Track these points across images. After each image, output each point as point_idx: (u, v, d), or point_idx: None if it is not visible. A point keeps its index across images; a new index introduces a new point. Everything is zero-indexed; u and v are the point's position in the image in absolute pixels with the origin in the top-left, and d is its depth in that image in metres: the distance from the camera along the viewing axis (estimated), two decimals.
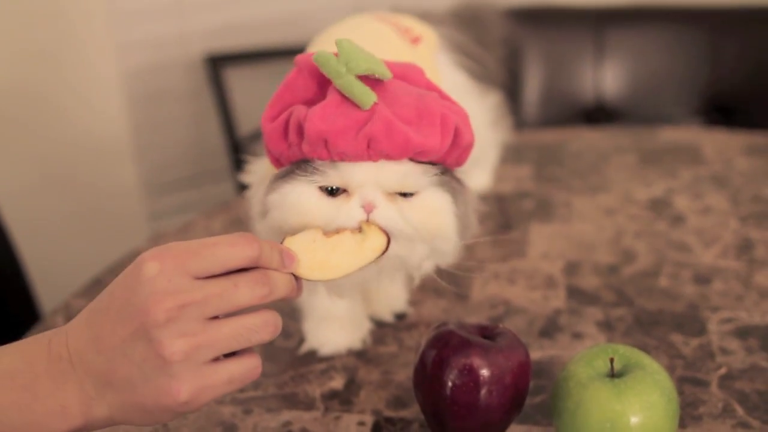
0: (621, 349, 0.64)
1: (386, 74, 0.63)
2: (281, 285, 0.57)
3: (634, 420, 0.60)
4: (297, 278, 0.59)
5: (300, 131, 0.63)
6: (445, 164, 0.67)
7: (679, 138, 1.26)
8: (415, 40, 0.87)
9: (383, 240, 0.62)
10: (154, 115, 1.67)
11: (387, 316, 0.84)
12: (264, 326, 0.55)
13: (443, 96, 0.68)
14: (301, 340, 0.81)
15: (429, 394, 0.65)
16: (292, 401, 0.73)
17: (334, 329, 0.80)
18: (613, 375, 0.62)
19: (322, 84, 0.65)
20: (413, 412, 0.71)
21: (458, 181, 0.67)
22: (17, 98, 1.54)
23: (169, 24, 1.64)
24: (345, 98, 0.62)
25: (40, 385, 0.53)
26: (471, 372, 0.62)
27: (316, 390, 0.75)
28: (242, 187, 0.79)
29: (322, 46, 0.81)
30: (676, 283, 0.88)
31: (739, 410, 0.69)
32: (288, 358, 0.79)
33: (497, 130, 1.07)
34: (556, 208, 1.06)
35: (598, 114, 1.58)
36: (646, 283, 0.88)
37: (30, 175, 1.57)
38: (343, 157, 0.62)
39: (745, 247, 0.94)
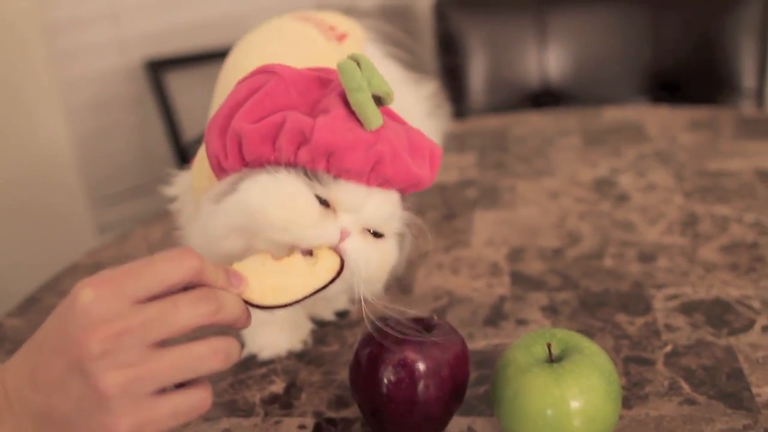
0: (559, 334, 0.63)
1: (392, 102, 0.61)
2: (230, 303, 0.53)
3: (574, 404, 0.58)
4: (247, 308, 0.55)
5: (298, 138, 0.59)
6: (409, 191, 0.64)
7: (623, 117, 1.26)
8: (341, 38, 0.85)
9: (337, 261, 0.59)
10: (96, 124, 1.64)
11: (328, 314, 0.82)
12: (213, 354, 0.50)
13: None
14: (241, 347, 0.78)
15: (366, 393, 0.63)
16: (230, 408, 0.71)
17: (274, 332, 0.78)
18: (551, 360, 0.61)
19: (307, 97, 0.62)
20: (355, 411, 0.69)
21: (410, 235, 0.65)
22: None
23: (106, 31, 1.60)
24: (350, 115, 0.59)
25: None
26: (406, 367, 0.61)
27: (255, 395, 0.73)
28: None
29: (249, 53, 0.79)
30: (621, 262, 0.87)
31: (686, 387, 0.68)
32: None
33: (435, 119, 1.06)
34: (500, 194, 1.05)
35: (544, 98, 1.57)
36: (590, 265, 0.87)
37: None
38: (343, 174, 0.59)
39: (689, 223, 0.93)
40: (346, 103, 0.60)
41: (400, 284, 0.86)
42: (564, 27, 1.55)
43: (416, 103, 0.96)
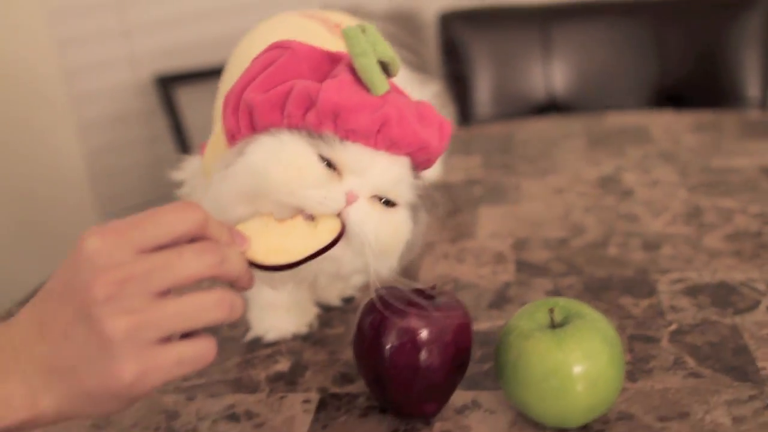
0: (561, 302, 0.63)
1: (398, 70, 0.62)
2: (233, 258, 0.53)
3: (577, 369, 0.58)
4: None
5: (305, 102, 0.60)
6: (423, 165, 0.65)
7: (627, 121, 1.26)
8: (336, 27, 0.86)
9: (338, 223, 0.59)
10: (107, 139, 1.66)
11: (334, 300, 0.82)
12: (217, 304, 0.51)
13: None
14: (247, 330, 0.79)
15: (369, 361, 0.63)
16: (236, 386, 0.71)
17: (279, 315, 0.78)
18: (554, 326, 0.61)
19: (318, 71, 0.63)
20: (359, 386, 0.69)
21: (425, 207, 0.65)
22: None
23: (117, 47, 1.63)
24: (357, 81, 0.60)
25: None
26: (409, 333, 0.61)
27: (261, 374, 0.73)
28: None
29: (254, 43, 0.80)
30: (626, 250, 0.87)
31: (691, 362, 0.68)
32: (234, 346, 0.77)
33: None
34: (505, 192, 1.05)
35: (549, 110, 1.58)
36: (595, 253, 0.87)
37: None
38: (350, 135, 0.59)
39: (694, 215, 0.94)
40: (354, 72, 0.61)
41: (405, 273, 0.86)
42: (569, 39, 1.57)
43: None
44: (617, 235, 0.90)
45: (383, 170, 0.60)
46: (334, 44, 0.82)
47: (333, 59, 0.63)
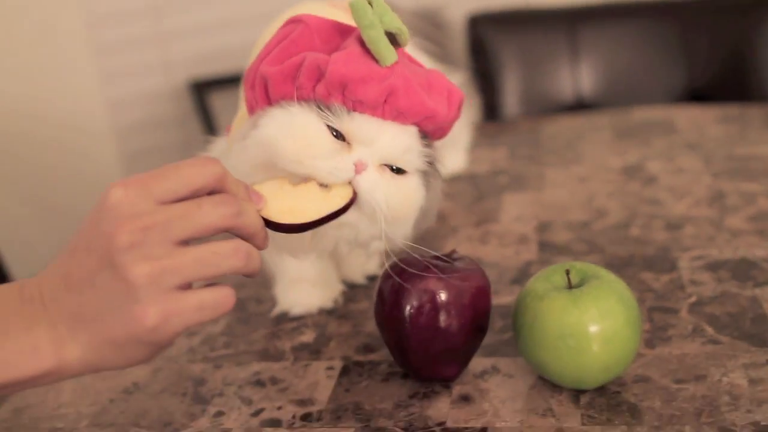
0: (578, 265, 0.64)
1: (407, 41, 0.64)
2: (250, 211, 0.55)
3: (593, 328, 0.59)
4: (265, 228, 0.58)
5: (315, 74, 0.62)
6: (434, 135, 0.67)
7: (653, 115, 1.27)
8: None
9: (350, 189, 0.61)
10: (142, 143, 1.70)
11: (359, 278, 0.84)
12: (234, 252, 0.53)
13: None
14: (274, 305, 0.81)
15: (390, 324, 0.65)
16: (262, 355, 0.73)
17: (306, 290, 0.80)
18: (570, 287, 0.62)
19: (329, 42, 0.65)
20: (382, 355, 0.71)
21: (437, 175, 0.67)
22: (6, 128, 1.57)
23: (152, 53, 1.67)
24: (365, 52, 0.62)
25: (11, 325, 0.52)
26: (427, 294, 0.62)
27: (286, 344, 0.75)
28: None
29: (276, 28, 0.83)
30: (648, 231, 0.88)
31: (709, 330, 0.69)
32: (261, 320, 0.79)
33: (465, 110, 1.08)
34: (529, 180, 1.07)
35: (577, 110, 1.59)
36: (617, 234, 0.88)
37: (23, 207, 1.59)
38: (358, 106, 0.61)
39: (717, 198, 0.94)
40: (363, 44, 0.63)
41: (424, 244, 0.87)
42: (596, 41, 1.58)
43: None
44: (640, 217, 0.91)
45: (391, 140, 0.62)
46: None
47: (344, 31, 0.65)
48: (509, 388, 0.64)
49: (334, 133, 0.61)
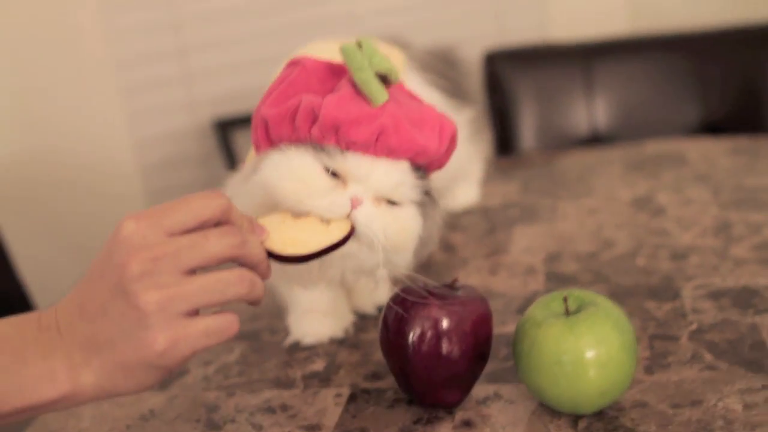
0: (576, 293, 0.66)
1: (398, 79, 0.68)
2: (253, 242, 0.59)
3: (589, 354, 0.61)
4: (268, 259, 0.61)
5: (310, 117, 0.66)
6: (430, 167, 0.70)
7: (665, 148, 1.29)
8: None
9: (348, 222, 0.65)
10: (167, 181, 1.74)
11: (370, 309, 0.86)
12: (239, 280, 0.56)
13: (447, 116, 0.72)
14: (287, 335, 0.84)
15: (394, 351, 0.67)
16: (273, 383, 0.76)
17: (317, 320, 0.83)
18: (567, 314, 0.64)
19: (326, 83, 0.69)
20: (388, 382, 0.73)
21: (434, 204, 0.71)
22: (35, 169, 1.62)
23: (178, 92, 1.72)
24: (357, 93, 0.66)
25: (29, 352, 0.56)
26: (429, 322, 0.65)
27: (297, 372, 0.77)
28: None
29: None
30: (653, 261, 0.90)
31: (708, 356, 0.70)
32: (274, 350, 0.82)
33: (477, 144, 1.11)
34: (540, 212, 1.09)
35: (593, 144, 1.61)
36: (623, 264, 0.90)
37: (50, 243, 1.64)
38: (351, 146, 0.65)
39: (723, 228, 0.96)
40: (355, 85, 0.66)
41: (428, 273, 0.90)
42: (610, 76, 1.60)
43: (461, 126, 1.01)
44: (646, 248, 0.93)
45: (383, 175, 0.66)
46: None
47: (339, 72, 0.69)
48: (510, 414, 0.66)
49: (330, 172, 0.65)
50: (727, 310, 0.77)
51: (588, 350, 0.61)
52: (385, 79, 0.66)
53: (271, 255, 0.61)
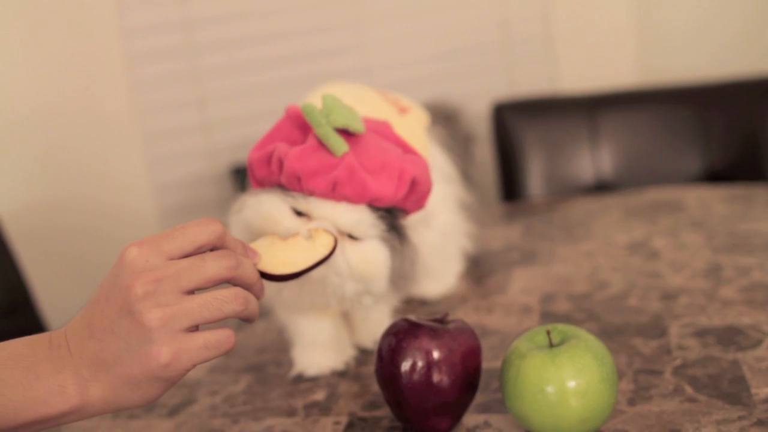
0: (560, 327, 0.70)
1: (360, 130, 0.76)
2: (247, 264, 0.65)
3: (569, 383, 0.65)
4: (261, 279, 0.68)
5: (280, 164, 0.76)
6: (405, 208, 0.79)
7: (663, 195, 1.33)
8: (403, 110, 0.96)
9: (331, 239, 0.73)
10: None
11: (370, 344, 0.91)
12: (234, 298, 0.62)
13: (407, 150, 0.81)
14: (291, 368, 0.88)
15: (388, 380, 0.71)
16: (276, 411, 0.80)
17: (320, 353, 0.87)
18: (551, 346, 0.68)
19: (304, 129, 0.78)
20: (385, 411, 0.77)
21: (402, 237, 0.79)
22: (57, 216, 1.69)
23: (198, 140, 1.79)
24: (321, 145, 0.75)
25: (41, 368, 0.61)
26: (421, 352, 0.69)
27: (299, 402, 0.81)
28: None
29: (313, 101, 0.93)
30: (644, 301, 0.93)
31: (689, 389, 0.74)
32: (278, 382, 0.86)
33: (458, 239, 1.05)
34: (539, 256, 1.13)
35: (598, 193, 1.65)
36: (615, 304, 0.94)
37: (73, 289, 1.69)
38: (312, 193, 0.75)
39: (713, 270, 0.99)
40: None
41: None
42: (615, 126, 1.65)
43: (443, 199, 0.98)
44: (639, 289, 0.97)
45: (341, 216, 0.75)
46: (392, 115, 0.92)
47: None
48: None
49: (297, 212, 0.75)
50: (711, 347, 0.81)
51: (569, 380, 0.65)
52: (347, 130, 0.75)
53: (264, 275, 0.67)
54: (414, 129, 0.91)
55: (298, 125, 0.78)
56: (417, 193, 0.78)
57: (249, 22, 1.80)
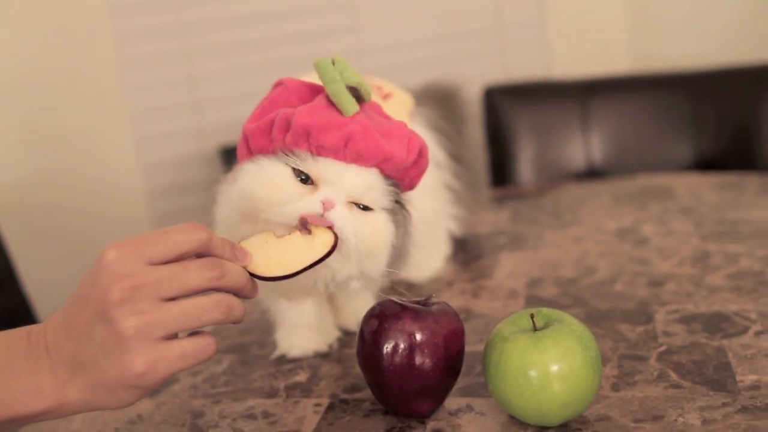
0: (544, 311, 0.69)
1: (369, 95, 0.72)
2: (234, 272, 0.62)
3: (552, 367, 0.64)
4: (253, 279, 0.65)
5: (285, 127, 0.70)
6: (402, 183, 0.75)
7: (654, 182, 1.32)
8: (386, 96, 0.95)
9: (331, 237, 0.68)
10: (174, 205, 1.79)
11: (354, 326, 0.90)
12: (215, 306, 0.60)
13: (418, 135, 0.77)
14: (274, 349, 0.87)
15: (369, 362, 0.70)
16: (258, 392, 0.79)
17: (303, 335, 0.86)
18: (535, 330, 0.67)
19: (304, 100, 0.73)
20: (366, 394, 0.76)
21: (406, 214, 0.75)
22: (44, 192, 1.67)
23: (186, 120, 1.77)
24: (330, 104, 0.71)
25: (18, 367, 0.60)
26: (403, 334, 0.68)
27: (281, 383, 0.80)
28: None
29: None
30: (631, 287, 0.93)
31: (673, 376, 0.73)
32: (261, 363, 0.85)
33: (444, 222, 1.05)
34: (527, 240, 1.12)
35: (589, 178, 1.64)
36: (602, 290, 0.93)
37: (57, 265, 1.68)
38: (322, 151, 0.70)
39: (701, 258, 0.98)
40: (329, 99, 0.71)
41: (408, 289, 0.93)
42: (607, 112, 1.64)
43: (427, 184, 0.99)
44: (626, 275, 0.96)
45: (354, 178, 0.70)
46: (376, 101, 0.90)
47: (318, 91, 0.73)
48: (480, 425, 0.69)
49: (302, 178, 0.69)
50: (697, 334, 0.80)
51: (552, 364, 0.64)
52: (358, 95, 0.71)
53: (256, 276, 0.65)
54: (397, 114, 0.90)
55: (299, 96, 0.73)
56: (420, 166, 0.75)
57: (241, 2, 1.78)
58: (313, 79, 0.95)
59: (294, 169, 0.70)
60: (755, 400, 0.67)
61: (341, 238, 0.68)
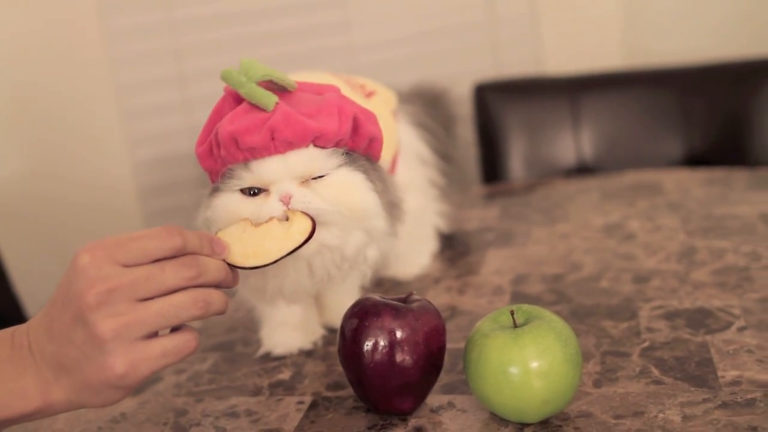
0: (525, 307, 0.69)
1: (288, 81, 0.72)
2: (212, 268, 0.62)
3: (531, 363, 0.64)
4: (233, 269, 0.65)
5: (218, 141, 0.71)
6: (359, 150, 0.75)
7: (642, 178, 1.32)
8: (369, 95, 0.95)
9: (308, 223, 0.68)
10: (166, 203, 1.79)
11: (338, 324, 0.90)
12: (192, 303, 0.59)
13: (354, 103, 0.76)
14: (260, 347, 0.87)
15: (350, 360, 0.70)
16: (241, 390, 0.79)
17: (288, 333, 0.86)
18: (515, 327, 0.67)
19: (234, 106, 0.73)
20: (349, 392, 0.76)
21: (370, 162, 0.75)
22: (35, 189, 1.67)
23: (178, 118, 1.77)
24: (253, 106, 0.71)
25: (2, 370, 0.60)
26: (384, 332, 0.68)
27: (264, 381, 0.80)
28: None
29: None
30: (616, 283, 0.93)
31: (655, 372, 0.73)
32: (245, 360, 0.85)
33: (431, 220, 1.06)
34: (515, 237, 1.12)
35: (579, 174, 1.64)
36: (587, 286, 0.93)
37: (48, 262, 1.68)
38: (253, 153, 0.70)
39: (687, 254, 0.98)
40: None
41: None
42: (597, 109, 1.64)
43: (411, 182, 0.98)
44: (611, 271, 0.96)
45: (293, 165, 0.70)
46: (352, 96, 0.91)
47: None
48: (461, 423, 0.69)
49: (252, 192, 0.71)
50: (680, 330, 0.80)
51: (531, 361, 0.64)
52: (278, 87, 0.71)
53: (236, 266, 0.65)
54: (380, 112, 0.90)
55: (236, 100, 0.73)
56: (363, 135, 0.74)
57: (232, 0, 1.78)
58: (303, 78, 0.95)
59: (241, 191, 0.71)
60: (736, 395, 0.67)
61: (318, 215, 0.69)
